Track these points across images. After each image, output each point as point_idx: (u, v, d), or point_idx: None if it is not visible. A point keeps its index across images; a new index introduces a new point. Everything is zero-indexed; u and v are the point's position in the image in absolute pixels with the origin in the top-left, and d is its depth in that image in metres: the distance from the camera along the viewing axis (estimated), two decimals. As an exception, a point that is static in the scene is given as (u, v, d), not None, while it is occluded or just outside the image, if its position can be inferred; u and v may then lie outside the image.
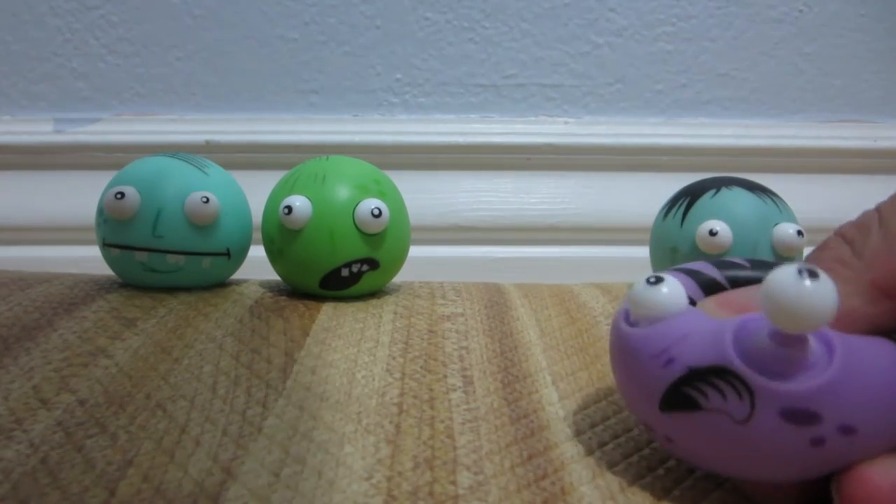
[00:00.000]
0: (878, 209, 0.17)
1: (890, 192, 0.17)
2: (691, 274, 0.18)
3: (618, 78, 0.53)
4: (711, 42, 0.52)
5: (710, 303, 0.17)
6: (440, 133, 0.51)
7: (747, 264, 0.18)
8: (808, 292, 0.14)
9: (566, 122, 0.52)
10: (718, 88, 0.53)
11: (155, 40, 0.50)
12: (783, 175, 0.52)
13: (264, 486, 0.17)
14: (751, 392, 0.14)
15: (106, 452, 0.18)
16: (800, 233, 0.29)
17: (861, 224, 0.17)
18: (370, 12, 0.50)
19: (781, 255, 0.29)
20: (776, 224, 0.29)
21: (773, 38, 0.52)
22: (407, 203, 0.34)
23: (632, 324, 0.17)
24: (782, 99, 0.54)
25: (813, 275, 0.14)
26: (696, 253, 0.30)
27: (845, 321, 0.15)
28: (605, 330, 0.30)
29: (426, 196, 0.49)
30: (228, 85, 0.51)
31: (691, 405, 0.15)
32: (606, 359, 0.26)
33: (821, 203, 0.47)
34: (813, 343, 0.15)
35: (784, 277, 0.14)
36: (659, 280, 0.16)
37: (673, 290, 0.16)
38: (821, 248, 0.17)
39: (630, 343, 0.16)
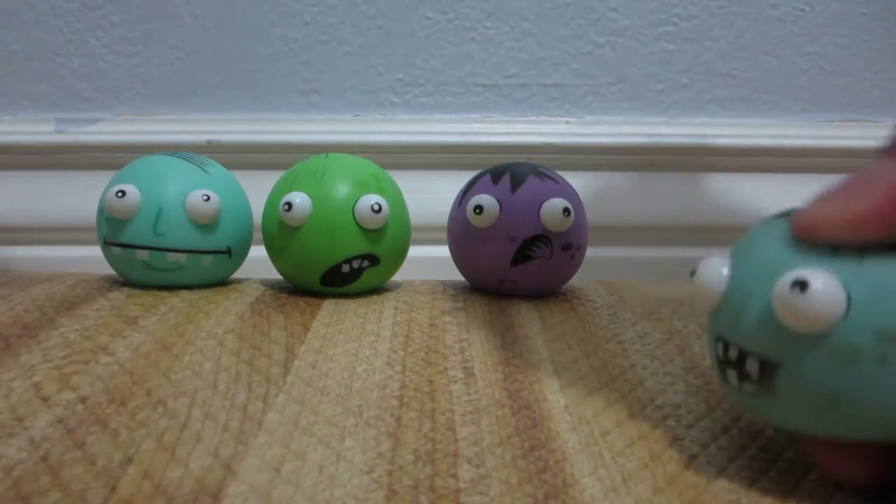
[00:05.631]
0: None
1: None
2: None
3: (619, 77, 0.52)
4: (713, 42, 0.52)
5: None
6: (441, 133, 0.51)
7: None
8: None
9: (568, 122, 0.52)
10: (720, 88, 0.53)
11: (156, 40, 0.50)
12: (785, 175, 0.52)
13: (265, 482, 0.16)
14: None
15: (107, 449, 0.18)
16: None
17: None
18: (371, 12, 0.50)
19: None
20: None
21: (774, 37, 0.52)
22: (408, 203, 0.34)
23: None
24: (784, 99, 0.53)
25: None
26: None
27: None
28: (608, 320, 0.30)
29: (427, 196, 0.49)
30: (229, 85, 0.51)
31: None
32: (610, 346, 0.26)
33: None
34: None
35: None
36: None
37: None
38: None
39: None
